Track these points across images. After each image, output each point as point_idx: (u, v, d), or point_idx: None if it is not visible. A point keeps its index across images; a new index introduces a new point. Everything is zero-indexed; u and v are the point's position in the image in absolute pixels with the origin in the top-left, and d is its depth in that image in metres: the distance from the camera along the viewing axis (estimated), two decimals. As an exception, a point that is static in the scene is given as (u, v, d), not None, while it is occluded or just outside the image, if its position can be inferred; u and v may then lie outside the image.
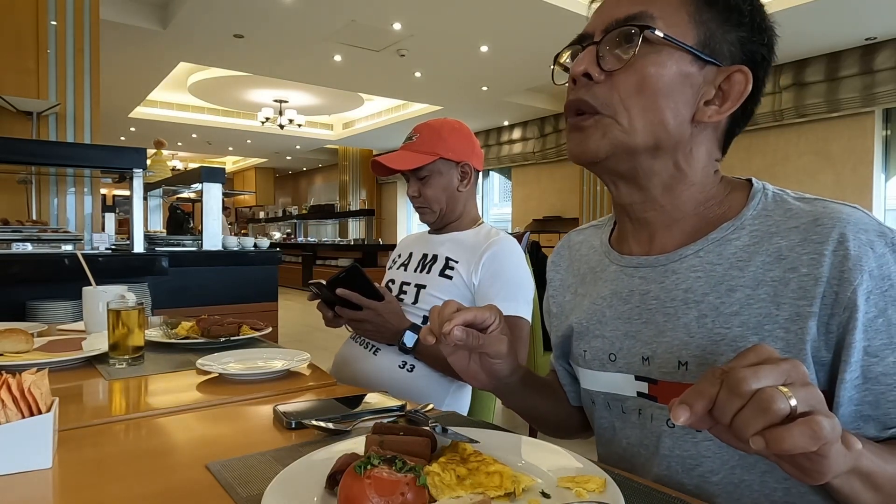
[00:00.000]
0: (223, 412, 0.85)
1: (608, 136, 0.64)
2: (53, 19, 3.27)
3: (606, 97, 0.63)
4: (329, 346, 5.29)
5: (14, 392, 0.62)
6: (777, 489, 0.60)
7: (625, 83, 0.62)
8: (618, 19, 0.63)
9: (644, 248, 0.71)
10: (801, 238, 0.60)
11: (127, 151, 2.67)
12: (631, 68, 0.62)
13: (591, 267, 0.80)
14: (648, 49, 0.62)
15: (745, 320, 0.60)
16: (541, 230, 8.56)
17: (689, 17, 0.62)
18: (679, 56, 0.62)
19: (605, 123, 0.64)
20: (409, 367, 1.29)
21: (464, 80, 7.52)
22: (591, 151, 0.65)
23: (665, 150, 0.65)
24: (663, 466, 0.65)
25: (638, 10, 0.63)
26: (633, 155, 0.65)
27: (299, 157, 14.58)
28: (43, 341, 1.20)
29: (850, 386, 0.57)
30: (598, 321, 0.73)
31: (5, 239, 2.46)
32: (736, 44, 0.64)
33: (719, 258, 0.64)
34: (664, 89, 0.62)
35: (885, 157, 5.99)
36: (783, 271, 0.59)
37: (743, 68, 0.63)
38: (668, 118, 0.63)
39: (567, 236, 0.90)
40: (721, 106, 0.64)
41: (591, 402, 0.76)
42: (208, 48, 6.31)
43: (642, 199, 0.69)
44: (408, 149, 1.39)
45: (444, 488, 0.51)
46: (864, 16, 5.06)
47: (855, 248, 0.56)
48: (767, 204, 0.65)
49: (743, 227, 0.64)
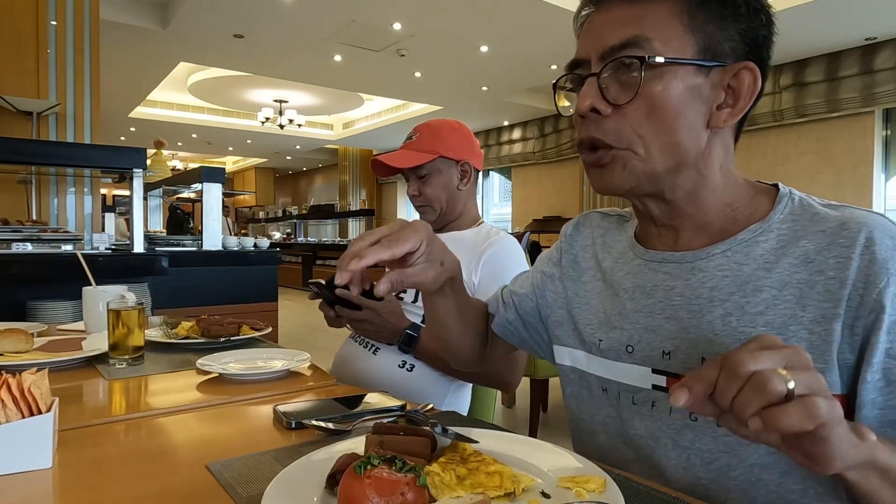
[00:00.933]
0: (223, 412, 0.85)
1: (628, 168, 0.64)
2: (53, 19, 3.27)
3: (618, 130, 0.63)
4: (329, 346, 5.30)
5: (14, 392, 0.62)
6: (794, 490, 0.60)
7: (634, 113, 0.62)
8: (613, 46, 0.62)
9: (669, 247, 0.72)
10: (827, 242, 0.60)
11: (127, 151, 2.67)
12: (638, 98, 0.61)
13: (614, 258, 0.79)
14: (651, 74, 0.61)
15: (770, 320, 0.60)
16: (541, 230, 8.55)
17: (683, 26, 0.61)
18: (683, 72, 0.61)
19: (622, 157, 0.64)
20: (408, 366, 1.29)
21: (464, 80, 7.52)
22: (614, 185, 0.66)
23: (687, 165, 0.65)
24: (683, 458, 0.65)
25: (631, 33, 0.61)
26: (657, 179, 0.65)
27: (299, 157, 14.58)
28: (43, 341, 1.20)
29: (871, 387, 0.57)
30: (619, 313, 0.73)
31: (5, 239, 2.46)
32: (736, 38, 0.63)
33: (746, 258, 0.64)
34: (674, 110, 0.62)
35: (885, 157, 5.99)
36: (809, 274, 0.60)
37: (748, 65, 0.62)
38: (683, 137, 0.63)
39: (590, 216, 0.88)
40: (734, 107, 0.64)
41: (601, 390, 0.75)
42: (208, 48, 6.31)
43: (668, 209, 0.69)
44: (408, 148, 1.39)
45: (444, 488, 0.51)
46: (864, 16, 5.06)
47: (881, 251, 0.57)
48: (794, 208, 0.65)
49: (771, 230, 0.64)
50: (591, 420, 0.77)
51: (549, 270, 0.87)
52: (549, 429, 3.20)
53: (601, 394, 0.75)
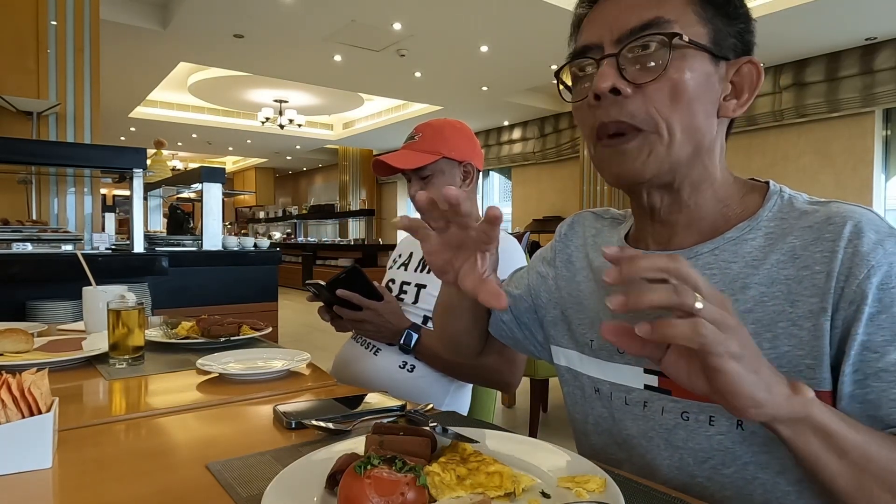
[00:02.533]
0: (223, 412, 0.85)
1: (654, 154, 0.63)
2: (53, 19, 3.27)
3: (643, 111, 0.61)
4: (329, 346, 5.30)
5: (14, 392, 0.62)
6: (790, 492, 0.60)
7: (658, 93, 0.61)
8: (633, 28, 0.62)
9: (662, 245, 0.72)
10: (814, 237, 0.60)
11: (127, 151, 2.67)
12: (662, 77, 0.61)
13: (602, 260, 0.79)
14: (676, 55, 0.61)
15: (759, 318, 0.60)
16: (541, 230, 8.55)
17: (696, 16, 0.63)
18: (701, 57, 0.62)
19: (650, 141, 0.62)
20: (409, 367, 1.29)
21: (464, 80, 7.52)
22: (635, 172, 0.64)
23: (701, 153, 0.66)
24: (675, 458, 0.65)
25: (653, 15, 0.61)
26: (677, 167, 0.64)
27: (299, 157, 14.58)
28: (43, 341, 1.20)
29: (848, 381, 0.57)
30: (610, 313, 0.73)
31: (5, 239, 2.46)
32: (737, 36, 0.65)
33: (734, 256, 0.64)
34: (695, 93, 0.62)
35: (885, 157, 5.99)
36: (797, 270, 0.60)
37: (752, 59, 0.65)
38: (701, 121, 0.63)
39: (583, 215, 0.87)
40: (739, 99, 0.65)
41: (594, 391, 0.75)
42: (208, 48, 6.31)
43: (671, 201, 0.69)
44: (410, 148, 1.38)
45: (444, 488, 0.51)
46: (864, 16, 5.06)
47: (865, 244, 0.57)
48: (783, 206, 0.66)
49: (759, 228, 0.65)
50: (585, 420, 0.77)
51: (543, 271, 0.87)
52: (549, 429, 3.20)
53: (594, 394, 0.75)
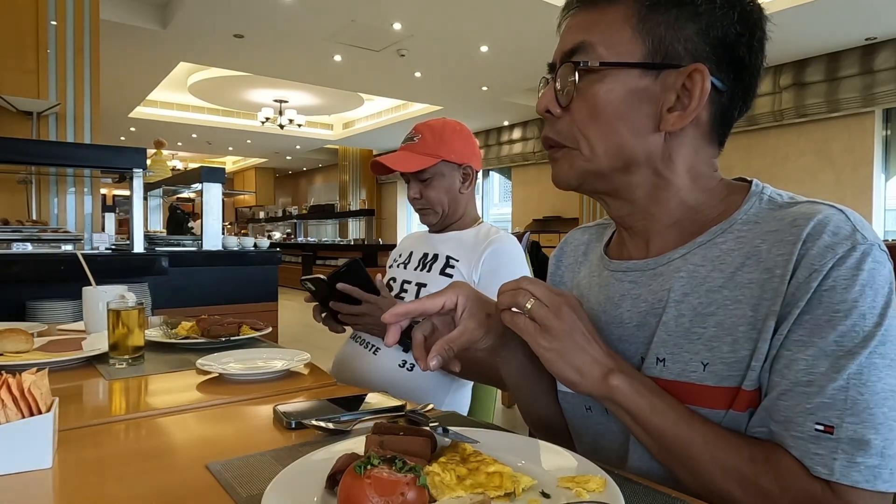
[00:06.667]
0: (223, 412, 0.85)
1: (574, 166, 0.68)
2: (53, 19, 3.27)
3: (567, 130, 0.67)
4: (329, 346, 5.28)
5: (14, 392, 0.62)
6: None
7: (579, 114, 0.65)
8: (564, 52, 0.66)
9: (642, 253, 0.72)
10: (777, 240, 0.59)
11: (127, 151, 2.67)
12: (581, 99, 0.65)
13: (589, 271, 0.80)
14: (592, 78, 0.64)
15: (720, 321, 0.60)
16: (541, 230, 8.56)
17: (632, 30, 0.62)
18: (625, 75, 0.63)
19: (571, 155, 0.68)
20: (408, 366, 1.29)
21: (464, 80, 7.52)
22: (563, 180, 0.70)
23: (638, 165, 0.66)
24: (636, 455, 0.66)
25: (579, 40, 0.65)
26: (604, 177, 0.67)
27: (299, 157, 14.58)
28: (43, 341, 1.20)
29: (766, 377, 0.57)
30: (594, 327, 0.73)
31: (5, 239, 2.46)
32: (694, 38, 0.62)
33: (703, 260, 0.64)
34: (616, 112, 0.63)
35: (885, 157, 6.00)
36: (760, 273, 0.59)
37: (698, 66, 0.61)
38: (627, 138, 0.64)
39: (571, 234, 0.90)
40: (685, 110, 0.63)
41: (584, 409, 0.75)
42: (208, 48, 6.31)
43: (630, 210, 0.70)
44: (409, 150, 1.38)
45: (444, 488, 0.51)
46: (864, 16, 5.06)
47: (817, 247, 0.55)
48: (760, 208, 0.64)
49: (731, 231, 0.64)
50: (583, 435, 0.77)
51: None
52: (549, 429, 3.18)
53: (584, 412, 0.74)
